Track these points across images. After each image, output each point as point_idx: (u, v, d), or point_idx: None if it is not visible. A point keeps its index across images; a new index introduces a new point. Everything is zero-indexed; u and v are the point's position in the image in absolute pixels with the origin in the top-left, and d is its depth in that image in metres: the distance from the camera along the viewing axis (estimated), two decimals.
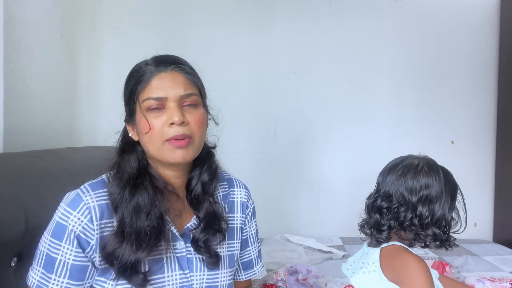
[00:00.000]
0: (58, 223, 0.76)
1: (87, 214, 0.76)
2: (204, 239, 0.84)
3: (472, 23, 2.30)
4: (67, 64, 1.99)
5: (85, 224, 0.75)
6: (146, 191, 0.80)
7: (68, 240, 0.75)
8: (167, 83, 0.79)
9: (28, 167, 1.10)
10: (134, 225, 0.76)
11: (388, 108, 2.30)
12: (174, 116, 0.77)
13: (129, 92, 0.82)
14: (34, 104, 1.64)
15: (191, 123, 0.79)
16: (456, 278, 1.53)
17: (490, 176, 2.32)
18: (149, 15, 2.20)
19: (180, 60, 0.84)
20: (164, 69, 0.80)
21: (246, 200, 1.00)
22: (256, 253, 1.03)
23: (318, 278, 1.49)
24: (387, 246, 0.98)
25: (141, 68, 0.81)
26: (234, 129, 2.26)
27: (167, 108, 0.78)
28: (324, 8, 2.27)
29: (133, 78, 0.82)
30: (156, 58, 0.83)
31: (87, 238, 0.76)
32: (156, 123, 0.78)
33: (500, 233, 2.26)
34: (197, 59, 0.88)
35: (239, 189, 1.00)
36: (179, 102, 0.79)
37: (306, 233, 2.23)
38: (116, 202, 0.78)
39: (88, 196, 0.77)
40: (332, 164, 2.31)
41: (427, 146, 2.31)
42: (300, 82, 2.28)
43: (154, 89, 0.78)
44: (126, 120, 0.86)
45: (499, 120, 2.30)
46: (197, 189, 0.87)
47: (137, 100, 0.80)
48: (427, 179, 0.99)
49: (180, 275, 0.82)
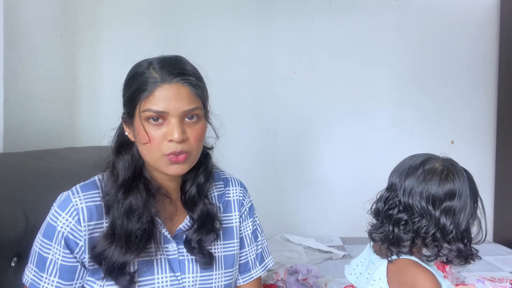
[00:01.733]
0: (48, 223, 0.77)
1: (75, 215, 0.76)
2: (197, 239, 0.83)
3: (472, 23, 2.30)
4: (67, 64, 1.99)
5: (73, 225, 0.76)
6: (139, 194, 0.79)
7: (57, 241, 0.76)
8: (171, 96, 0.74)
9: (28, 167, 1.10)
10: (125, 227, 0.76)
11: (388, 108, 2.30)
12: (174, 133, 0.74)
13: (129, 94, 0.78)
14: (34, 104, 1.64)
15: (190, 138, 0.77)
16: (456, 278, 1.53)
17: (490, 176, 2.32)
18: (149, 15, 2.20)
19: (187, 69, 0.79)
20: (169, 80, 0.75)
21: (241, 198, 0.97)
22: (254, 255, 0.97)
23: (318, 278, 1.49)
24: (397, 260, 0.89)
25: (144, 74, 0.76)
26: (234, 129, 2.26)
27: (167, 122, 0.75)
28: (324, 8, 2.27)
29: (135, 82, 0.77)
30: (161, 64, 0.77)
31: (75, 239, 0.76)
32: (155, 136, 0.75)
33: (500, 233, 2.26)
34: (197, 59, 0.88)
35: (234, 187, 0.97)
36: (180, 117, 0.76)
37: (306, 233, 2.23)
38: (108, 203, 0.78)
39: (77, 198, 0.77)
40: (332, 164, 2.31)
41: (427, 146, 2.32)
42: (300, 82, 2.28)
43: (156, 101, 0.74)
44: (123, 119, 0.83)
45: (499, 120, 2.30)
46: (192, 190, 0.87)
47: (138, 107, 0.76)
48: (452, 187, 0.88)
49: (171, 277, 0.82)
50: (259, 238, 0.99)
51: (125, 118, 0.82)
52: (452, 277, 1.50)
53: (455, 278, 1.52)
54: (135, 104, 0.77)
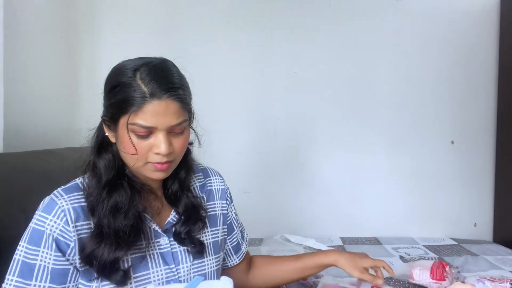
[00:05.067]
0: (34, 229, 0.75)
1: (63, 216, 0.76)
2: (186, 230, 0.87)
3: (472, 23, 2.30)
4: (67, 64, 1.99)
5: (62, 227, 0.75)
6: (124, 191, 0.80)
7: (47, 245, 0.74)
8: (161, 112, 0.74)
9: (28, 167, 1.10)
10: (112, 225, 0.77)
11: (388, 108, 2.30)
12: (161, 146, 0.75)
13: (115, 103, 0.76)
14: (34, 104, 1.64)
15: (175, 149, 0.79)
16: (456, 278, 1.53)
17: (490, 176, 2.32)
18: (149, 15, 2.20)
19: (175, 83, 0.77)
20: (158, 96, 0.73)
21: (223, 187, 1.03)
22: (240, 234, 1.09)
23: (318, 278, 1.48)
24: None
25: (131, 85, 0.74)
26: (234, 129, 2.27)
27: (154, 135, 0.76)
28: (324, 8, 2.27)
29: (121, 92, 0.74)
30: (150, 76, 0.74)
31: (66, 240, 0.75)
32: (141, 147, 0.76)
33: (500, 233, 2.26)
34: (197, 59, 0.88)
35: (215, 177, 1.03)
36: (168, 130, 0.76)
37: (306, 233, 2.23)
38: (93, 204, 0.78)
39: (62, 200, 0.77)
40: (332, 164, 2.31)
41: (427, 146, 2.32)
42: (300, 82, 2.28)
43: (145, 116, 0.73)
44: (104, 120, 0.82)
45: (499, 120, 2.29)
46: (174, 187, 0.89)
47: (125, 118, 0.75)
48: None
49: (165, 270, 0.84)
50: (238, 217, 1.10)
51: (106, 120, 0.81)
52: (452, 277, 1.50)
53: (455, 278, 1.52)
54: (121, 113, 0.75)
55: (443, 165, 2.30)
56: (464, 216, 2.33)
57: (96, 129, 0.87)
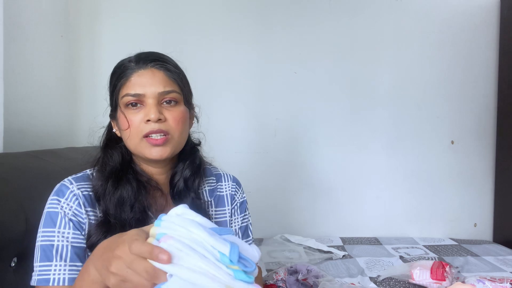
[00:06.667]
0: (48, 213, 0.77)
1: (75, 200, 0.78)
2: None
3: (472, 23, 2.30)
4: (67, 64, 1.99)
5: (75, 209, 0.77)
6: (129, 184, 0.82)
7: (63, 224, 0.76)
8: (146, 80, 0.80)
9: (28, 167, 1.10)
10: (119, 217, 0.78)
11: (388, 108, 2.30)
12: (150, 113, 0.78)
13: (111, 87, 0.84)
14: (34, 104, 1.64)
15: (169, 120, 0.81)
16: (456, 278, 1.53)
17: (490, 176, 2.32)
18: (149, 16, 2.20)
19: (163, 57, 0.84)
20: (144, 66, 0.81)
21: (233, 193, 0.99)
22: None
23: (318, 278, 1.48)
24: None
25: (123, 65, 0.83)
26: (234, 129, 2.27)
27: (145, 105, 0.80)
28: (324, 8, 2.27)
29: (115, 74, 0.84)
30: (138, 55, 0.84)
31: (80, 221, 0.77)
32: (134, 120, 0.80)
33: (500, 233, 2.26)
34: (197, 58, 0.89)
35: (227, 182, 0.99)
36: (157, 99, 0.80)
37: (306, 233, 2.23)
38: (99, 193, 0.80)
39: (73, 185, 0.80)
40: (332, 164, 2.31)
41: (427, 146, 2.32)
42: (300, 82, 2.28)
43: (133, 85, 0.80)
44: (110, 116, 0.88)
45: (499, 120, 2.29)
46: (180, 184, 0.89)
47: (118, 96, 0.82)
48: None
49: None
50: (250, 237, 1.00)
51: (111, 114, 0.87)
52: (452, 277, 1.50)
53: (455, 278, 1.52)
54: (117, 95, 0.82)
55: (443, 165, 2.30)
56: (464, 216, 2.33)
57: (106, 127, 0.92)
